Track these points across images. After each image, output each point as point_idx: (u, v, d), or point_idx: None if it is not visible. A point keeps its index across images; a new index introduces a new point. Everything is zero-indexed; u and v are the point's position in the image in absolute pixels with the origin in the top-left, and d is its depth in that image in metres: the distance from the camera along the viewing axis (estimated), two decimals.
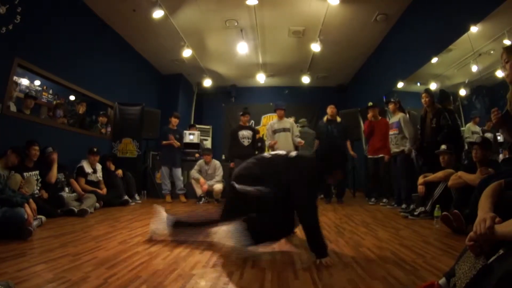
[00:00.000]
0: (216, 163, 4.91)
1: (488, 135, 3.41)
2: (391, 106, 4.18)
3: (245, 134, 4.87)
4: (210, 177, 4.79)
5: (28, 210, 2.12)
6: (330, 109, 4.86)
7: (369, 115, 4.58)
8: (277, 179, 1.71)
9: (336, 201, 4.61)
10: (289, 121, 4.81)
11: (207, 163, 4.85)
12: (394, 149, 4.02)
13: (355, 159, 5.71)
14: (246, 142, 4.84)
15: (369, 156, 4.60)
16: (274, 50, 6.13)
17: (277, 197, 1.68)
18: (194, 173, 4.77)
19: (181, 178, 5.05)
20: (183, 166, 5.23)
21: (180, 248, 1.88)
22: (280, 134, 4.56)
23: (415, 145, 3.80)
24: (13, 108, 3.58)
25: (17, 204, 2.11)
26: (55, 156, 3.43)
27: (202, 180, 4.67)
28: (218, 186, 4.69)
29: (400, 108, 4.12)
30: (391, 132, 4.10)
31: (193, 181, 4.80)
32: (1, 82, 3.20)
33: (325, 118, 4.89)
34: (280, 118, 4.73)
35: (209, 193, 4.82)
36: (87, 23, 4.53)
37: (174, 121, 5.17)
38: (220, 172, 4.84)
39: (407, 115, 4.01)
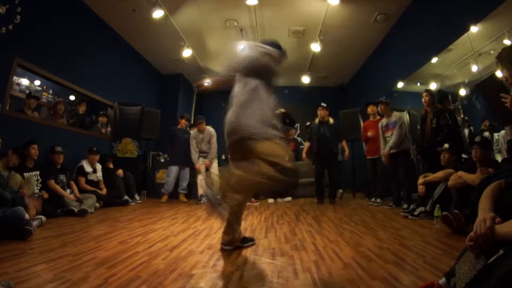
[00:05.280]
0: (210, 130, 4.87)
1: (486, 134, 3.41)
2: (381, 107, 4.16)
3: None
4: (206, 144, 4.81)
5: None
6: (320, 112, 4.69)
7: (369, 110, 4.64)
8: None
9: (329, 202, 4.58)
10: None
11: (201, 131, 4.83)
12: (393, 150, 4.00)
13: (355, 159, 5.70)
14: None
15: (368, 157, 4.59)
16: None
17: None
18: (194, 154, 4.77)
19: (188, 179, 5.04)
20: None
21: (180, 248, 1.88)
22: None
23: (398, 147, 3.88)
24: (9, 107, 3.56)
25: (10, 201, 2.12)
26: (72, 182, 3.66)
27: (198, 165, 4.73)
28: (214, 169, 4.70)
29: (390, 108, 4.13)
30: (388, 134, 4.09)
31: (198, 179, 4.78)
32: (1, 82, 3.20)
33: (316, 120, 4.77)
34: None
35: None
36: (87, 23, 4.53)
37: (184, 122, 5.30)
38: (214, 141, 4.81)
39: (407, 116, 4.00)
